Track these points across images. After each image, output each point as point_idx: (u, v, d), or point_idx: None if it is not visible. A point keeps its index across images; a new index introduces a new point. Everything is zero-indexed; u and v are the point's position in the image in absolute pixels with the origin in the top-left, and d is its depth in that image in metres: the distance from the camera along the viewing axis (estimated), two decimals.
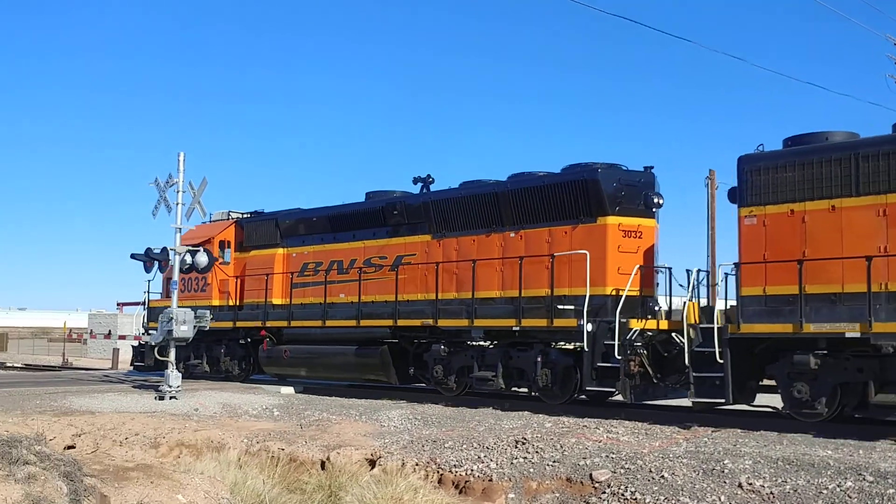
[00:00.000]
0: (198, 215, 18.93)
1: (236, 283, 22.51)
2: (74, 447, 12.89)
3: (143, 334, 25.20)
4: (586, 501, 10.39)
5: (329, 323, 19.59)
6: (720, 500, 9.47)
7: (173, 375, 17.55)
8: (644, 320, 14.96)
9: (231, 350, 22.47)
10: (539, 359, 15.74)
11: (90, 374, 25.87)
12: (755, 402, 14.10)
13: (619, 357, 14.34)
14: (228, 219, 23.39)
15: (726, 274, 14.39)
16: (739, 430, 12.86)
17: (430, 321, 17.41)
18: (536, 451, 11.82)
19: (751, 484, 9.70)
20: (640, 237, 15.74)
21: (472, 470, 11.53)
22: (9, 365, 34.19)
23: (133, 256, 18.91)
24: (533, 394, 16.55)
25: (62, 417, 14.36)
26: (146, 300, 24.73)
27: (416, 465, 11.95)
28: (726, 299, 14.40)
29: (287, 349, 20.54)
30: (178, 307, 18.17)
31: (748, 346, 13.45)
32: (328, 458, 12.67)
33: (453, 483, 11.53)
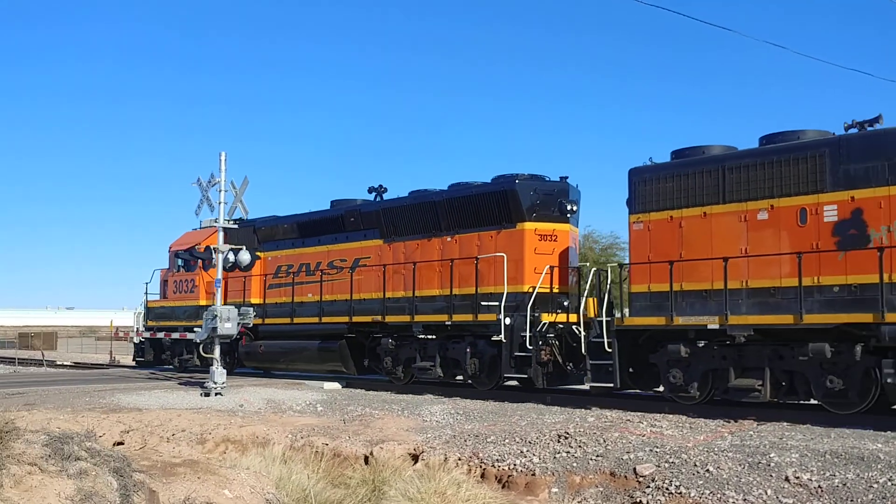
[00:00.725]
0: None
1: (222, 284, 22.93)
2: (123, 443, 13.10)
3: (142, 331, 27.33)
4: (630, 496, 10.34)
5: (297, 320, 21.83)
6: (767, 493, 9.36)
7: (218, 372, 17.76)
8: (555, 314, 16.85)
9: (224, 348, 22.46)
10: (468, 350, 17.74)
11: (137, 371, 26.26)
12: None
13: (531, 347, 16.35)
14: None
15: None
16: (786, 424, 12.71)
17: (380, 317, 19.59)
18: (579, 446, 11.78)
19: (798, 477, 9.57)
20: (555, 240, 17.65)
21: (514, 464, 11.54)
22: (59, 363, 34.91)
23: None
24: (467, 381, 18.25)
25: (111, 414, 14.60)
26: (145, 301, 27.06)
27: (459, 459, 11.98)
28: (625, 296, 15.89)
29: (262, 344, 22.72)
30: (220, 305, 18.39)
31: (634, 337, 15.03)
32: (371, 453, 12.75)
33: (496, 477, 11.56)
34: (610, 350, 14.96)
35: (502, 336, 16.62)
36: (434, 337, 18.59)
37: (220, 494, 9.14)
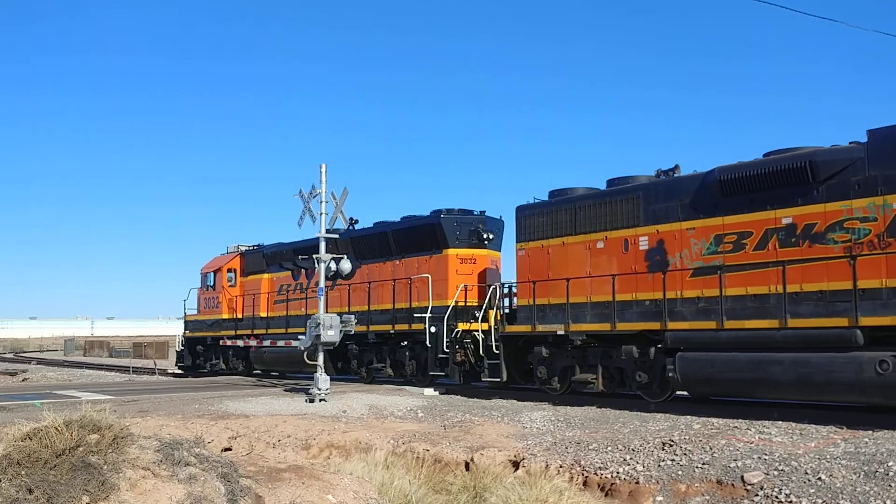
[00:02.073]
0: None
1: (240, 300, 29.50)
2: (231, 449, 13.46)
3: (181, 342, 32.72)
4: None
5: (290, 330, 25.61)
6: None
7: (322, 379, 18.11)
8: (469, 323, 20.47)
9: (237, 352, 29.22)
10: (408, 353, 22.02)
11: (244, 378, 27.03)
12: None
13: (448, 350, 20.37)
14: (238, 251, 30.13)
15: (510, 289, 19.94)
16: None
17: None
18: (685, 453, 11.51)
19: None
20: (474, 263, 21.73)
21: (617, 472, 11.35)
22: (169, 371, 36.21)
23: (296, 263, 23.09)
24: (419, 373, 21.91)
25: (219, 421, 15.04)
26: (184, 315, 32.06)
27: (560, 467, 11.86)
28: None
29: (266, 351, 26.94)
30: (323, 313, 18.74)
31: (516, 341, 18.70)
32: (472, 459, 12.75)
33: (598, 485, 11.39)
34: (498, 351, 18.84)
35: (427, 341, 20.56)
36: (385, 343, 22.95)
37: (323, 499, 9.29)
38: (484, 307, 20.00)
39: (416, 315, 21.34)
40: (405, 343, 22.15)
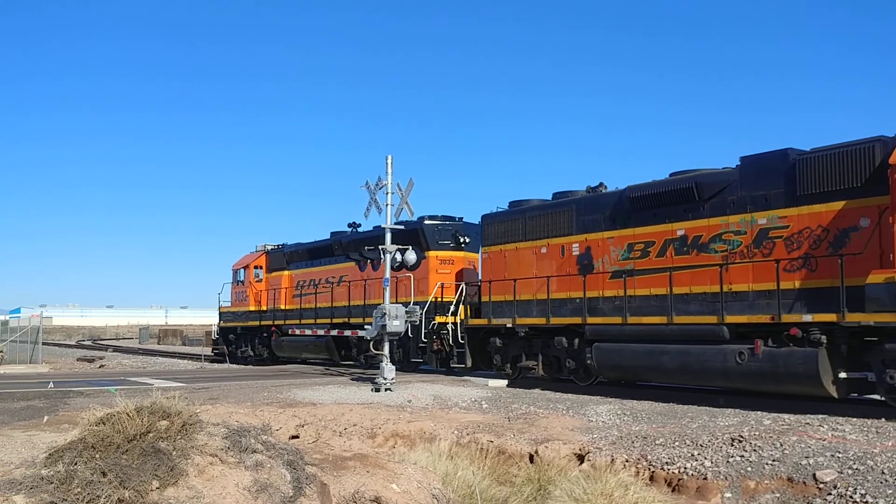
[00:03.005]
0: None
1: (265, 294, 32.85)
2: (298, 437, 13.64)
3: (216, 331, 36.87)
4: (809, 502, 9.79)
5: (304, 321, 29.27)
6: None
7: (388, 368, 18.22)
8: (444, 317, 22.88)
9: (262, 341, 32.75)
10: (395, 342, 22.97)
11: (312, 367, 27.38)
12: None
13: (426, 340, 23.36)
14: (265, 249, 33.71)
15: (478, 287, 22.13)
16: None
17: (347, 319, 26.83)
18: (754, 450, 11.26)
19: None
20: (452, 264, 24.57)
21: (685, 468, 11.17)
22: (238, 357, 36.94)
23: (362, 255, 24.42)
24: (404, 361, 24.28)
25: (287, 409, 15.25)
26: (219, 307, 35.92)
27: (626, 461, 11.72)
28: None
29: (284, 340, 30.48)
30: (389, 304, 18.83)
31: (478, 332, 21.44)
32: (536, 452, 12.68)
33: (665, 481, 11.22)
34: (463, 341, 21.63)
35: (409, 332, 22.33)
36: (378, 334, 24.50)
37: (387, 488, 9.34)
38: (455, 302, 22.79)
39: None
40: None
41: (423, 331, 23.18)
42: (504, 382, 20.25)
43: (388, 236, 19.37)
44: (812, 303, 14.33)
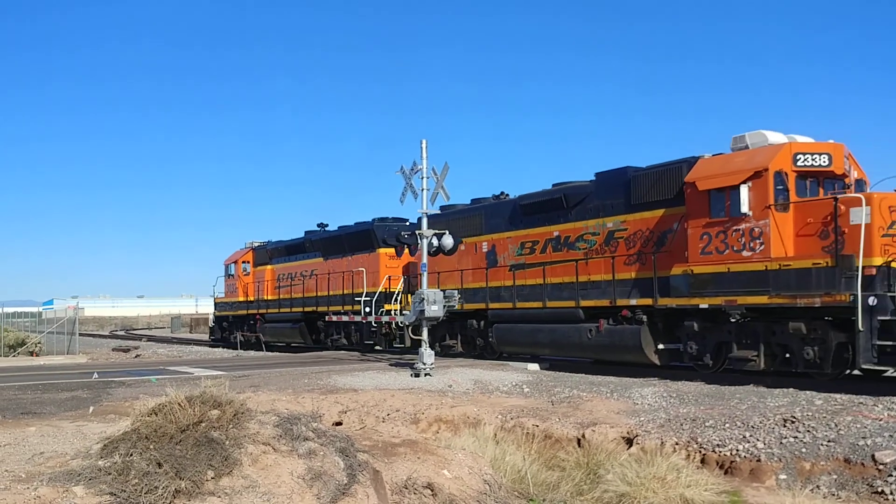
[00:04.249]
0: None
1: (251, 286, 37.01)
2: (342, 423, 13.59)
3: (212, 319, 42.12)
4: (870, 484, 9.58)
5: (282, 310, 33.93)
6: None
7: (427, 353, 18.13)
8: (391, 305, 26.18)
9: (250, 327, 37.00)
10: (353, 326, 28.65)
11: (349, 354, 27.40)
12: None
13: (376, 324, 26.55)
14: (252, 247, 37.76)
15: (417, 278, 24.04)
16: None
17: (314, 308, 31.21)
18: (808, 430, 11.06)
19: None
20: (399, 259, 27.59)
21: (737, 450, 10.99)
22: (271, 344, 37.06)
23: (399, 239, 25.43)
24: (359, 343, 28.40)
25: (329, 395, 15.21)
26: (214, 297, 40.83)
27: (676, 444, 11.56)
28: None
29: (267, 326, 34.94)
30: (427, 289, 18.73)
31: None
32: (583, 436, 12.54)
33: (717, 463, 11.05)
34: (401, 326, 24.75)
35: (362, 318, 27.01)
36: (340, 320, 29.30)
37: (439, 474, 9.25)
38: (396, 292, 26.34)
39: (356, 299, 27.99)
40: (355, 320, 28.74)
41: (373, 317, 26.80)
42: (544, 366, 20.10)
43: (425, 221, 19.27)
44: (641, 290, 17.78)
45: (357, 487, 8.21)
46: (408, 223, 27.91)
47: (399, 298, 26.10)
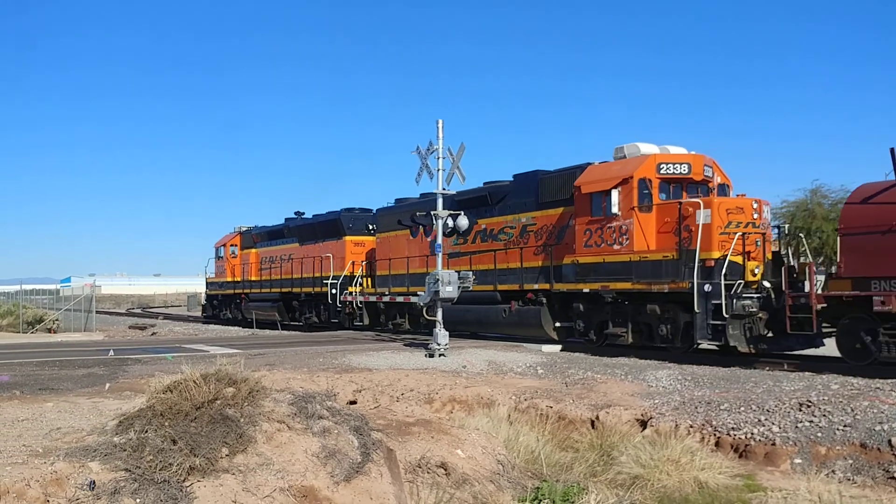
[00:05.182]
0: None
1: (238, 268, 40.25)
2: (356, 402, 13.61)
3: (204, 298, 45.75)
4: (886, 470, 9.54)
5: (263, 290, 37.51)
6: None
7: (441, 334, 18.13)
8: (357, 287, 29.52)
9: (237, 306, 40.27)
10: (322, 306, 31.81)
11: (364, 333, 27.47)
12: None
13: (340, 304, 29.82)
14: (239, 231, 40.89)
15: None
16: None
17: (289, 289, 34.38)
18: (824, 415, 11.00)
19: None
20: (363, 246, 30.74)
21: (751, 433, 10.95)
22: (285, 324, 37.25)
23: (414, 219, 24.14)
24: (327, 321, 31.50)
25: (343, 374, 15.25)
26: (205, 277, 44.06)
27: (691, 427, 11.52)
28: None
29: (251, 304, 38.09)
30: (442, 270, 18.68)
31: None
32: (597, 418, 12.52)
33: (731, 447, 11.01)
34: (361, 306, 28.91)
35: (329, 299, 30.22)
36: (310, 299, 32.94)
37: (453, 454, 9.27)
38: (358, 275, 29.81)
39: (324, 281, 30.86)
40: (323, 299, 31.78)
41: (338, 298, 29.89)
42: (558, 348, 20.10)
43: (440, 202, 19.21)
44: (543, 277, 20.86)
45: (371, 466, 8.24)
46: (372, 213, 31.18)
47: (360, 282, 29.60)
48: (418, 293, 21.34)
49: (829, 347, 16.25)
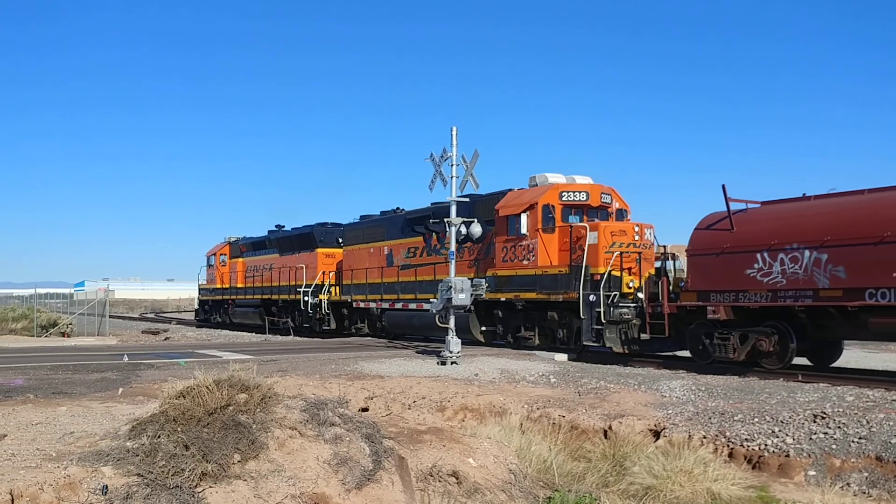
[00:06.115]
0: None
1: (227, 276, 42.58)
2: (368, 409, 13.60)
3: (197, 303, 48.71)
4: None
5: (247, 297, 39.75)
6: None
7: (454, 341, 18.09)
8: (326, 295, 31.86)
9: (225, 311, 42.75)
10: (296, 312, 33.71)
11: (376, 340, 27.45)
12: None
13: (312, 312, 32.07)
14: (229, 241, 43.17)
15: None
16: None
17: (269, 296, 36.64)
18: (838, 427, 10.91)
19: None
20: (334, 258, 32.63)
21: (765, 445, 10.88)
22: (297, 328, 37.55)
23: (427, 227, 26.06)
24: (301, 326, 33.68)
25: (355, 381, 15.23)
26: (198, 284, 46.71)
27: (704, 437, 11.45)
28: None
29: (237, 310, 40.81)
30: (455, 277, 18.68)
31: (341, 306, 31.38)
32: (610, 427, 12.47)
33: (745, 458, 10.94)
34: (328, 312, 31.49)
35: (302, 305, 32.39)
36: (286, 306, 35.12)
37: (464, 462, 9.24)
38: (327, 284, 32.14)
39: (297, 289, 32.96)
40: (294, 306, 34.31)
41: (310, 305, 32.19)
42: (567, 357, 20.02)
43: (454, 209, 19.18)
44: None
45: (382, 473, 8.23)
46: (342, 227, 33.34)
47: (329, 290, 32.13)
48: (385, 299, 25.66)
49: None
